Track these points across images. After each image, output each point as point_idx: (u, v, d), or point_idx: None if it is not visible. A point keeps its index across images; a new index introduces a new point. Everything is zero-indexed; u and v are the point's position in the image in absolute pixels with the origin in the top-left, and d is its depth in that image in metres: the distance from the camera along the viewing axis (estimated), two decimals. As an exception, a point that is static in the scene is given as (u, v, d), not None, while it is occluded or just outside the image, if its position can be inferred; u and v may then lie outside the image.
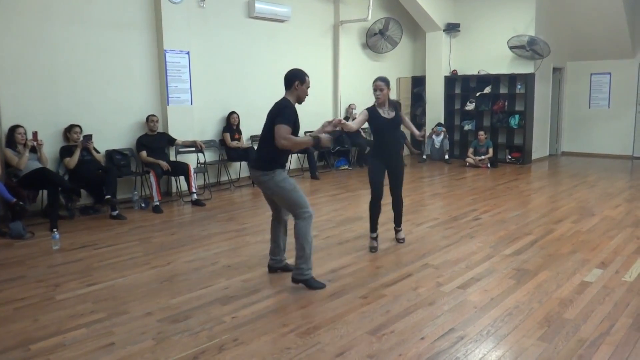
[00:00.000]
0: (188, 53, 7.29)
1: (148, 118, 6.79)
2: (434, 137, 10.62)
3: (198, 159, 7.33)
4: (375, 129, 4.62)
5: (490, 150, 9.91)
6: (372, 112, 4.52)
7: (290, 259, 4.02)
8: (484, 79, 10.66)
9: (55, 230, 4.92)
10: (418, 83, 11.65)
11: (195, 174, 6.90)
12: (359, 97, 9.94)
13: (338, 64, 9.91)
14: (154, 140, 6.77)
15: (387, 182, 4.64)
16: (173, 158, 7.13)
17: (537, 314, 3.28)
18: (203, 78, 7.68)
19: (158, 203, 6.37)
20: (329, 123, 3.98)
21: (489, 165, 9.82)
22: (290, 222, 3.86)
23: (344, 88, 10.05)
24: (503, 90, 10.52)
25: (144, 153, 6.64)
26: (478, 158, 9.86)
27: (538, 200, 6.91)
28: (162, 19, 6.95)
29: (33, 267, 4.30)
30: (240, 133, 8.04)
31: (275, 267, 4.05)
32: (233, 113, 7.95)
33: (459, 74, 10.94)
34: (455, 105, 11.14)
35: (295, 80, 3.68)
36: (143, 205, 6.50)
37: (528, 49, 9.85)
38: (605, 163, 10.36)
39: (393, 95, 4.69)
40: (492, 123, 10.63)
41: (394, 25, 10.36)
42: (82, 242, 5.01)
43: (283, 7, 8.55)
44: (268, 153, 3.68)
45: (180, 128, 7.24)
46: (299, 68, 3.78)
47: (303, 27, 9.18)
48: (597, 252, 4.57)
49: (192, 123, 7.45)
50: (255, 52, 8.45)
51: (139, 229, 5.52)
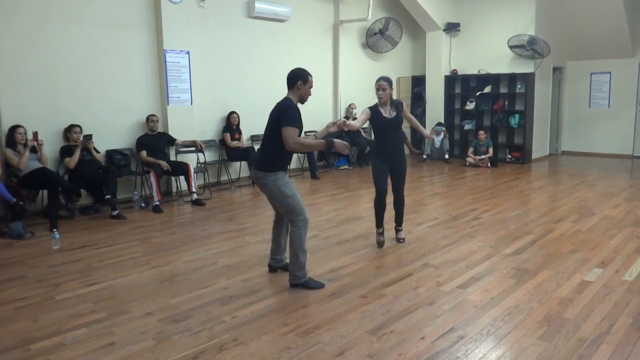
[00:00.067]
0: (188, 53, 7.29)
1: (148, 118, 6.79)
2: (434, 136, 10.62)
3: (198, 159, 7.33)
4: (377, 129, 4.64)
5: (491, 150, 9.90)
6: (374, 111, 4.53)
7: (290, 259, 4.03)
8: (484, 79, 10.66)
9: (55, 230, 4.92)
10: (418, 83, 11.65)
11: (195, 174, 6.89)
12: (359, 96, 9.94)
13: (338, 64, 9.91)
14: (154, 140, 6.77)
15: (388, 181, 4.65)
16: (173, 158, 7.13)
17: (537, 314, 3.28)
18: (203, 78, 7.67)
19: (158, 203, 6.37)
20: (333, 124, 3.98)
21: (489, 165, 9.82)
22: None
23: (344, 88, 10.05)
24: (503, 90, 10.51)
25: (144, 153, 6.65)
26: (478, 157, 9.86)
27: (538, 200, 6.91)
28: (162, 19, 6.95)
29: (33, 267, 4.30)
30: (240, 133, 8.04)
31: (276, 266, 4.06)
32: (233, 113, 7.95)
33: (459, 74, 10.94)
34: (455, 105, 11.14)
35: (298, 80, 3.63)
36: (143, 205, 6.50)
37: (528, 49, 9.85)
38: (605, 162, 10.36)
39: (393, 95, 4.68)
40: (492, 122, 10.63)
41: (394, 25, 10.36)
42: (82, 242, 5.01)
43: (283, 7, 8.55)
44: (271, 154, 3.64)
45: (180, 128, 7.24)
46: (302, 67, 3.72)
47: (303, 27, 9.18)
48: (597, 251, 4.57)
49: (192, 123, 7.45)
50: (255, 52, 8.45)
51: (139, 229, 5.52)
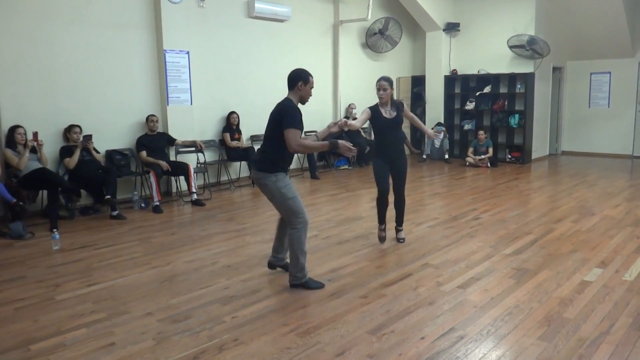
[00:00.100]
0: (188, 53, 7.29)
1: (148, 118, 6.79)
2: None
3: (198, 159, 7.33)
4: (377, 129, 4.65)
5: (490, 150, 9.90)
6: (374, 111, 4.54)
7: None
8: (484, 79, 10.66)
9: (55, 231, 4.92)
10: (418, 83, 11.65)
11: (195, 174, 6.89)
12: (359, 96, 9.94)
13: (338, 64, 9.91)
14: (154, 140, 6.77)
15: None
16: (173, 158, 7.13)
17: (537, 314, 3.28)
18: (203, 78, 7.67)
19: (158, 203, 6.37)
20: (335, 124, 3.97)
21: (489, 165, 9.82)
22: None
23: (344, 88, 10.05)
24: (503, 90, 10.51)
25: (144, 153, 6.65)
26: (478, 157, 9.86)
27: (538, 200, 6.91)
28: (161, 19, 6.95)
29: (33, 267, 4.30)
30: (240, 133, 8.04)
31: (276, 264, 4.05)
32: (233, 113, 7.95)
33: (459, 74, 10.94)
34: (455, 105, 11.14)
35: (299, 81, 3.60)
36: (143, 205, 6.50)
37: (528, 49, 9.85)
38: (605, 162, 10.36)
39: (393, 95, 4.70)
40: (492, 122, 10.63)
41: (394, 25, 10.36)
42: (82, 242, 5.01)
43: (283, 7, 8.55)
44: (271, 155, 3.62)
45: (180, 128, 7.24)
46: (303, 68, 3.69)
47: (303, 27, 9.18)
48: (597, 251, 4.57)
49: (192, 123, 7.45)
50: (255, 52, 8.45)
51: (139, 229, 5.52)
